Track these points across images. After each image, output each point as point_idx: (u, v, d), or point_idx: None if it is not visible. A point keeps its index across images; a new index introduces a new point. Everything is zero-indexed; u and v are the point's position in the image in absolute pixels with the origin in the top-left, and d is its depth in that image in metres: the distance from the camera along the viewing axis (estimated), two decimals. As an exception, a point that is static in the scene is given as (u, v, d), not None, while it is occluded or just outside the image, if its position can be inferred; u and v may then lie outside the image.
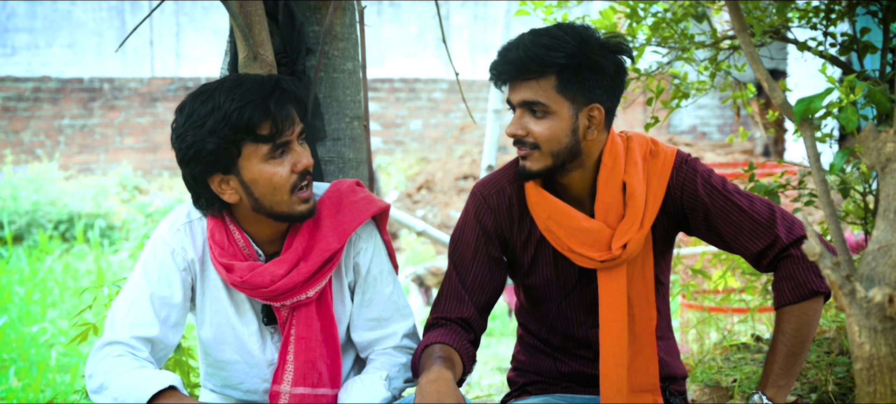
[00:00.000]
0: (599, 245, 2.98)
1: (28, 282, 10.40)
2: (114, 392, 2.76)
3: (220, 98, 2.77)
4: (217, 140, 2.75)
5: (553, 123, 2.88)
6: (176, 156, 2.87)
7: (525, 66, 2.85)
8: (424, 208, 14.73)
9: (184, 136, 2.79)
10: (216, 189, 2.85)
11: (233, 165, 2.81)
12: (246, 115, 2.75)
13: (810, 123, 2.20)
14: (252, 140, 2.78)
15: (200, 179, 2.84)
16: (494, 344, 8.67)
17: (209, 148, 2.76)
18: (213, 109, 2.76)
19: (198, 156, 2.79)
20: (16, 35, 16.44)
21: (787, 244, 2.95)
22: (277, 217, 2.88)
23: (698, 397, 4.01)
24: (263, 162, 2.81)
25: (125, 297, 2.94)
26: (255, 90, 2.78)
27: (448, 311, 3.09)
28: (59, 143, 16.02)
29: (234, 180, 2.83)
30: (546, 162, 2.92)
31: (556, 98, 2.86)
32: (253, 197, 2.84)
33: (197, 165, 2.81)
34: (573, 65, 2.83)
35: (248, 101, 2.75)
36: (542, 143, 2.90)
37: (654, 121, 4.09)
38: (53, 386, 7.25)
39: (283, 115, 2.79)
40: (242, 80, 2.82)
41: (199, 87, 2.86)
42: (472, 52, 17.82)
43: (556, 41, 2.84)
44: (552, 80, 2.85)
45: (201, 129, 2.76)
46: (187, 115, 2.80)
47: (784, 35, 3.98)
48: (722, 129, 17.76)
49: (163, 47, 17.02)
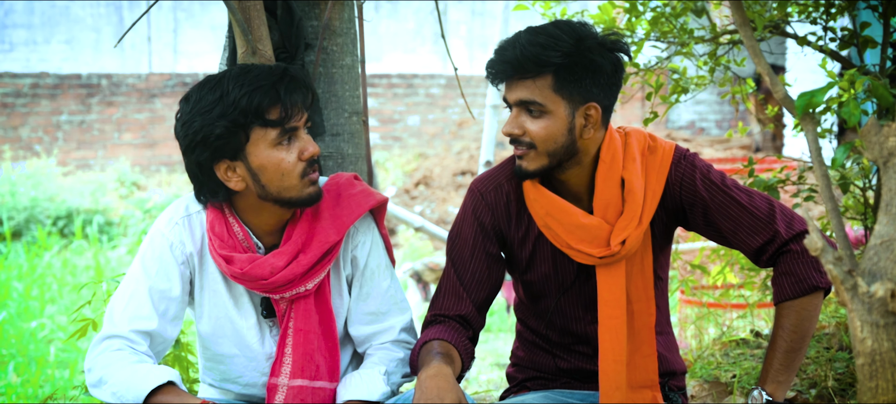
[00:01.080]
0: (598, 241, 2.97)
1: (27, 277, 10.40)
2: (112, 386, 2.76)
3: (229, 85, 2.77)
4: (226, 124, 2.75)
5: (549, 123, 2.87)
6: (181, 144, 2.87)
7: (521, 65, 2.84)
8: (422, 204, 14.73)
9: (191, 123, 2.79)
10: (222, 176, 2.84)
11: (240, 151, 2.81)
12: (256, 100, 2.75)
13: (812, 118, 2.20)
14: (261, 124, 2.78)
15: (206, 166, 2.84)
16: (492, 340, 8.67)
17: (217, 132, 2.76)
18: (221, 96, 2.77)
19: (205, 141, 2.78)
20: (14, 31, 16.42)
21: (787, 239, 2.95)
22: (285, 203, 2.88)
23: (697, 393, 4.00)
24: (271, 147, 2.81)
25: (124, 291, 2.94)
26: (265, 77, 2.78)
27: (446, 309, 3.09)
28: (57, 139, 16.00)
29: (242, 167, 2.83)
30: (542, 161, 2.92)
31: (553, 97, 2.86)
32: (260, 183, 2.84)
33: (204, 151, 2.80)
34: (570, 64, 2.83)
35: (258, 86, 2.76)
36: (539, 143, 2.89)
37: (652, 116, 4.08)
38: (52, 381, 7.25)
39: (292, 101, 2.79)
40: (250, 68, 2.83)
41: (206, 77, 2.86)
42: (469, 48, 17.81)
43: (552, 40, 2.83)
44: (549, 80, 2.85)
45: (209, 115, 2.76)
46: (194, 103, 2.80)
47: (784, 30, 3.97)
48: (720, 125, 17.76)
49: (161, 43, 17.01)
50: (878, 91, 2.73)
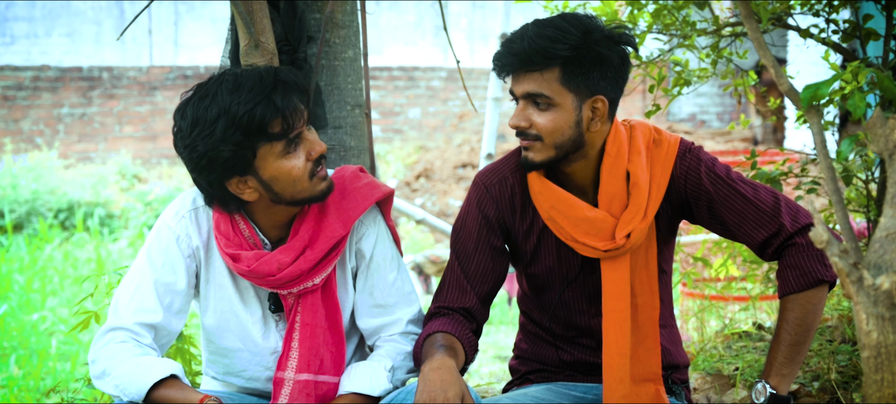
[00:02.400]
0: (603, 234, 2.97)
1: (28, 270, 10.39)
2: (115, 379, 2.77)
3: (225, 100, 2.73)
4: (231, 147, 2.73)
5: (556, 115, 2.87)
6: (186, 164, 2.84)
7: (529, 58, 2.83)
8: (423, 196, 14.73)
9: (194, 146, 2.76)
10: (235, 190, 2.83)
11: (249, 167, 2.79)
12: (257, 117, 2.72)
13: (817, 110, 2.19)
14: (266, 140, 2.76)
15: (217, 184, 2.82)
16: (494, 333, 8.66)
17: (224, 155, 2.74)
18: (219, 114, 2.72)
19: (212, 164, 2.76)
20: (15, 24, 16.41)
21: (792, 232, 2.95)
22: (299, 203, 2.88)
23: (700, 385, 4.00)
24: (280, 158, 2.79)
25: (129, 283, 2.94)
26: (258, 88, 2.74)
27: (450, 301, 3.09)
28: (58, 132, 16.00)
29: (253, 180, 2.82)
30: (549, 153, 2.91)
31: (560, 90, 2.85)
32: (273, 191, 2.83)
33: (212, 173, 2.79)
34: (577, 57, 2.82)
35: (256, 101, 2.72)
36: (545, 135, 2.89)
37: (654, 108, 4.08)
38: (54, 374, 7.24)
39: (290, 109, 2.77)
40: (241, 78, 2.77)
41: (196, 88, 2.82)
42: (470, 41, 17.79)
43: (560, 33, 2.82)
44: (556, 73, 2.84)
45: (212, 138, 2.73)
46: (193, 123, 2.76)
47: (786, 22, 3.96)
48: (721, 117, 17.76)
49: (161, 36, 16.99)
50: (882, 83, 2.72)
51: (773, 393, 2.91)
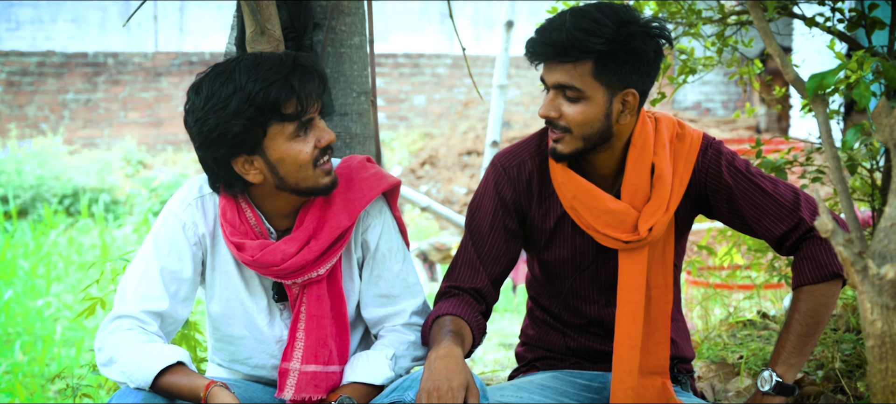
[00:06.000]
0: (625, 226, 2.97)
1: (33, 256, 10.42)
2: (122, 366, 2.77)
3: (242, 78, 2.73)
4: (243, 121, 2.72)
5: (586, 108, 2.85)
6: (194, 140, 2.83)
7: (565, 49, 2.81)
8: (428, 183, 14.72)
9: (205, 120, 2.75)
10: (240, 170, 2.83)
11: (258, 146, 2.79)
12: (272, 95, 2.72)
13: (822, 99, 2.19)
14: (278, 120, 2.76)
15: (223, 161, 2.82)
16: (498, 320, 8.66)
17: (235, 130, 2.73)
18: (234, 90, 2.73)
19: (221, 138, 2.76)
20: (20, 9, 16.40)
21: (812, 226, 2.95)
22: (301, 192, 2.87)
23: (704, 373, 4.00)
24: (289, 140, 2.79)
25: (135, 271, 2.94)
26: (277, 69, 2.74)
27: (462, 281, 3.09)
28: (63, 118, 16.02)
29: (259, 160, 2.81)
30: (577, 145, 2.90)
31: (592, 83, 2.83)
32: (278, 175, 2.83)
33: (220, 148, 2.78)
34: (612, 50, 2.80)
35: (273, 80, 2.72)
36: (574, 127, 2.87)
37: (660, 96, 4.07)
38: (58, 360, 7.26)
39: (307, 92, 2.77)
40: (261, 59, 2.78)
41: (212, 67, 2.82)
42: (476, 27, 17.76)
43: (596, 26, 2.79)
44: (589, 65, 2.82)
45: (224, 112, 2.73)
46: (206, 97, 2.76)
47: (792, 11, 3.96)
48: (726, 105, 17.73)
49: (167, 22, 16.98)
50: (888, 72, 2.73)
51: (779, 382, 2.92)
